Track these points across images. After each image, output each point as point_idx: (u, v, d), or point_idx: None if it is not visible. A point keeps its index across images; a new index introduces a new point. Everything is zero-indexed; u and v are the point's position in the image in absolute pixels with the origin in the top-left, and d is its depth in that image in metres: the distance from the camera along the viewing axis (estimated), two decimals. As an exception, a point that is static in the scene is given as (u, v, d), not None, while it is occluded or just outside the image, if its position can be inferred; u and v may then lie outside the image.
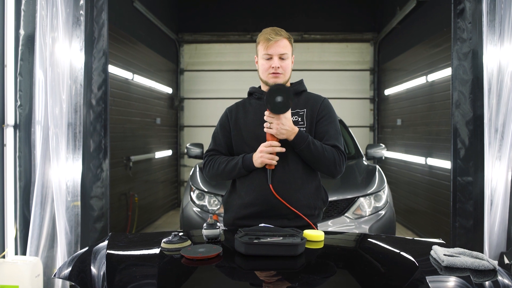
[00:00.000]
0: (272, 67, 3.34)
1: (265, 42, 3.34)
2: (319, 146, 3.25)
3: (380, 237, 3.25)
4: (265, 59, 3.37)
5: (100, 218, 5.25)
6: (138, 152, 9.64)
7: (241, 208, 3.38)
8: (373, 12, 12.87)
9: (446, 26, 7.49)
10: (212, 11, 12.87)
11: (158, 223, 10.77)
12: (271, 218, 3.29)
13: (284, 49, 3.35)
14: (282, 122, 3.17)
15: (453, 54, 5.06)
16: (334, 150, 3.31)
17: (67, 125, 5.03)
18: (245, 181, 3.39)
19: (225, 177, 3.44)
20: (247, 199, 3.35)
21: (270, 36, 3.34)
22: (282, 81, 3.37)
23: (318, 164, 3.30)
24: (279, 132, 3.19)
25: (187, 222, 6.12)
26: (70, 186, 5.10)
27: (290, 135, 3.22)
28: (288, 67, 3.39)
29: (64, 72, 5.01)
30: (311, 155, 3.25)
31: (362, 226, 5.76)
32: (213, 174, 3.47)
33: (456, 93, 5.03)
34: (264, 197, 3.29)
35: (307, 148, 3.22)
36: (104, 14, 5.22)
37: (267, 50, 3.33)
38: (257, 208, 3.31)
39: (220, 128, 3.57)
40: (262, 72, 3.41)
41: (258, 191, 3.31)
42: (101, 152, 5.23)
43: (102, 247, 2.81)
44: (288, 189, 3.30)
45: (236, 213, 3.41)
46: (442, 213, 8.04)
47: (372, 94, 12.90)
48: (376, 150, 7.72)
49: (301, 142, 3.22)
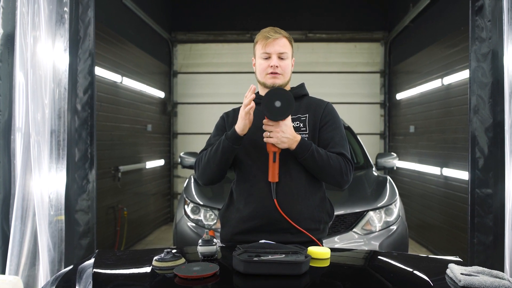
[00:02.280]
0: (271, 66, 3.34)
1: (263, 40, 3.37)
2: (323, 154, 3.24)
3: (392, 255, 3.25)
4: (263, 59, 3.38)
5: (86, 234, 5.25)
6: (127, 161, 9.64)
7: (240, 222, 3.37)
8: (384, 9, 12.89)
9: (464, 24, 7.50)
10: (208, 8, 12.89)
11: (149, 239, 10.76)
12: (272, 232, 3.28)
13: (284, 48, 3.37)
14: (282, 130, 3.17)
15: (471, 55, 5.07)
16: (340, 158, 3.30)
17: (50, 132, 5.03)
18: (243, 192, 3.38)
19: (213, 163, 3.33)
20: (246, 212, 3.34)
21: (269, 34, 3.37)
22: (281, 82, 3.38)
23: (323, 174, 3.29)
24: (279, 141, 3.17)
25: (181, 238, 6.12)
26: (53, 198, 5.09)
27: (292, 144, 3.20)
28: (288, 67, 3.40)
29: (46, 75, 5.01)
30: (315, 164, 3.23)
31: (372, 243, 5.76)
32: (203, 167, 3.39)
33: (474, 97, 5.03)
34: (264, 210, 3.28)
35: (311, 157, 3.21)
36: (91, 11, 5.23)
37: (265, 48, 3.35)
38: (257, 222, 3.31)
39: (216, 131, 3.56)
40: (260, 72, 3.42)
41: (257, 203, 3.30)
42: (87, 162, 5.23)
43: (88, 266, 2.81)
44: (290, 200, 3.29)
45: (234, 228, 3.40)
46: (459, 228, 8.03)
47: (383, 99, 12.91)
48: (387, 159, 7.72)
49: (304, 150, 3.21)
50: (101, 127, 8.11)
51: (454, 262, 2.80)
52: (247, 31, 12.70)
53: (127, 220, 9.40)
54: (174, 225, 6.39)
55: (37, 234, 5.03)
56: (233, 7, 12.85)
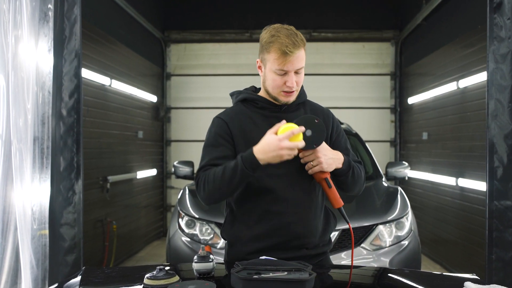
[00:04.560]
0: (288, 86, 3.23)
1: (281, 56, 3.18)
2: (356, 167, 3.37)
3: (403, 272, 3.25)
4: (278, 74, 3.23)
5: (72, 250, 5.25)
6: (116, 171, 9.64)
7: (253, 240, 3.33)
8: (395, 6, 12.91)
9: (481, 22, 7.52)
10: (204, 5, 12.90)
11: (140, 255, 10.76)
12: (289, 250, 3.30)
13: (302, 62, 3.26)
14: (323, 153, 3.18)
15: (489, 55, 5.07)
16: (362, 167, 3.45)
17: (32, 139, 5.03)
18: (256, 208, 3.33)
19: (227, 189, 3.22)
20: (261, 230, 3.31)
21: (288, 49, 3.16)
22: (295, 98, 3.35)
23: (355, 186, 3.42)
24: (327, 165, 3.19)
25: (175, 254, 6.12)
26: (36, 211, 5.09)
27: (338, 163, 3.25)
28: (302, 79, 3.34)
29: (29, 77, 5.01)
30: (353, 178, 3.35)
31: (382, 259, 5.76)
32: (211, 191, 3.25)
33: (492, 101, 5.03)
34: (284, 227, 3.29)
35: (353, 172, 3.32)
36: (77, 8, 5.24)
37: (283, 66, 3.19)
38: (275, 240, 3.30)
39: (218, 138, 3.40)
40: (273, 88, 3.29)
41: (276, 220, 3.28)
42: (73, 172, 5.23)
43: (74, 284, 2.81)
44: (308, 215, 3.34)
45: (247, 247, 3.35)
46: (476, 243, 8.03)
47: (393, 103, 12.93)
48: (398, 169, 7.73)
49: (348, 166, 3.30)
50: (88, 134, 8.11)
51: (471, 280, 2.80)
52: (246, 29, 12.71)
53: (117, 234, 9.39)
54: (168, 240, 6.39)
55: (19, 250, 5.03)
56: (231, 4, 12.86)
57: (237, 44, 12.82)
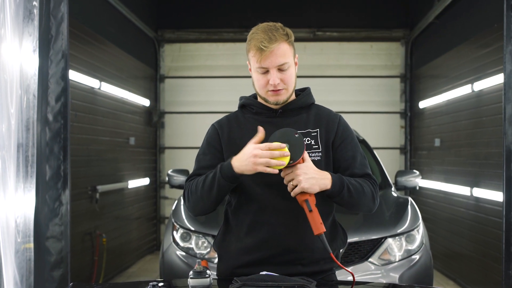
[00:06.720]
0: (271, 84, 3.19)
1: (257, 53, 3.16)
2: (355, 183, 3.20)
3: (414, 289, 3.26)
4: (260, 73, 3.22)
5: (59, 264, 5.24)
6: (106, 180, 9.65)
7: (242, 253, 3.32)
8: (405, 4, 12.92)
9: (497, 21, 7.53)
10: (201, 2, 12.92)
11: (132, 270, 10.77)
12: (281, 264, 3.24)
13: (283, 58, 3.18)
14: (304, 172, 3.04)
15: (506, 56, 5.07)
16: (368, 182, 3.28)
17: (16, 146, 5.02)
18: (245, 219, 3.32)
19: (207, 200, 3.21)
20: (250, 241, 3.29)
21: (262, 44, 3.13)
22: (285, 97, 3.28)
23: (358, 206, 3.27)
24: (309, 185, 3.03)
25: (169, 269, 6.12)
26: (20, 223, 5.08)
27: (323, 183, 3.09)
28: (291, 77, 3.26)
29: (12, 80, 5.01)
30: (351, 199, 3.19)
31: (391, 275, 5.76)
32: (194, 201, 3.26)
33: (509, 105, 5.03)
34: (274, 239, 3.24)
35: (348, 192, 3.15)
36: (64, 6, 5.23)
37: (261, 62, 3.17)
38: (264, 253, 3.26)
39: (207, 146, 3.44)
40: (259, 88, 3.29)
41: (265, 231, 3.25)
42: (60, 181, 5.22)
43: (60, 301, 2.81)
44: (302, 228, 3.22)
45: (234, 260, 3.34)
46: (492, 258, 8.03)
47: (404, 107, 12.93)
48: (409, 178, 7.73)
49: (340, 187, 3.13)
50: (76, 141, 8.13)
51: (487, 297, 2.80)
52: (245, 29, 12.64)
53: (106, 248, 9.39)
54: (161, 254, 6.39)
55: (1, 264, 5.03)
56: (229, 1, 12.88)
57: (236, 44, 12.75)
